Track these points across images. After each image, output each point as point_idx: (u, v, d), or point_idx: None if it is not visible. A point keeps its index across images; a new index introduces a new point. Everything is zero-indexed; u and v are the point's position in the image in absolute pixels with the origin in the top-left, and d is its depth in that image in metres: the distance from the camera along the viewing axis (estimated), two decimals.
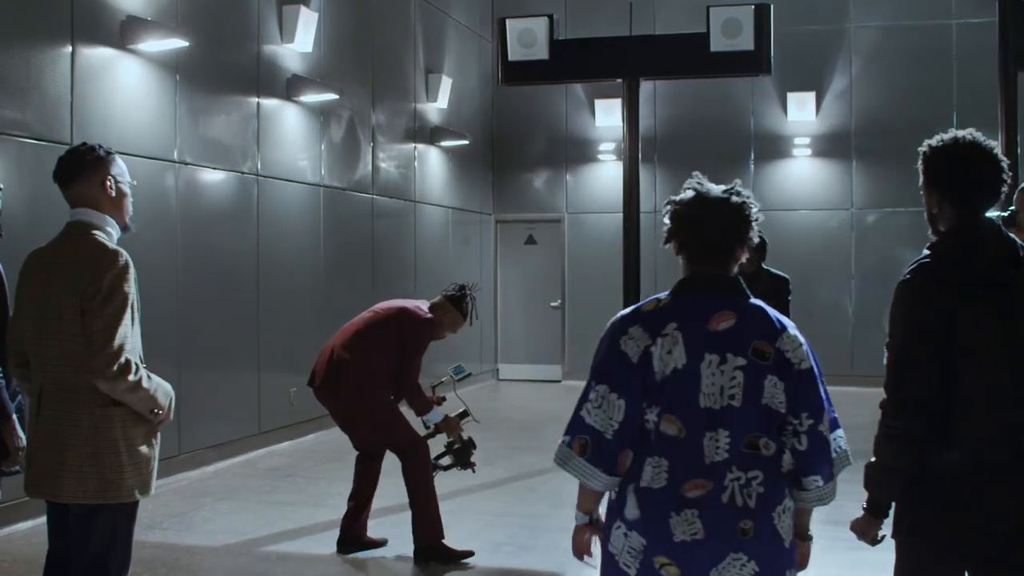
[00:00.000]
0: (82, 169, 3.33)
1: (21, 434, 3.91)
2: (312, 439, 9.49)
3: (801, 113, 13.41)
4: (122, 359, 3.16)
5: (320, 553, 5.84)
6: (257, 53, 8.90)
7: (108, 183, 3.34)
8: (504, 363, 14.60)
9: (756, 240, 2.74)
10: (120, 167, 3.40)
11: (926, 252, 3.00)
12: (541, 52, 8.89)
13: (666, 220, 2.79)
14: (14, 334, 3.42)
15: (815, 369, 2.66)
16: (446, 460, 5.86)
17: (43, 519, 6.27)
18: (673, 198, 2.78)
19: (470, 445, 5.83)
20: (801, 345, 2.66)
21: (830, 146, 13.45)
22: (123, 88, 7.27)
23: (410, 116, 11.89)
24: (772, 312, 2.69)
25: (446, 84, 12.45)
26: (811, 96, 13.34)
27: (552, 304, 14.31)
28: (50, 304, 3.26)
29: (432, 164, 12.57)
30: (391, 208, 11.43)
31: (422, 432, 5.82)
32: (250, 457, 8.55)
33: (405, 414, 5.77)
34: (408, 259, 11.87)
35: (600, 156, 14.17)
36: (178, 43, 7.46)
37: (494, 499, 7.04)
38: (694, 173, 2.84)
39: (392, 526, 6.09)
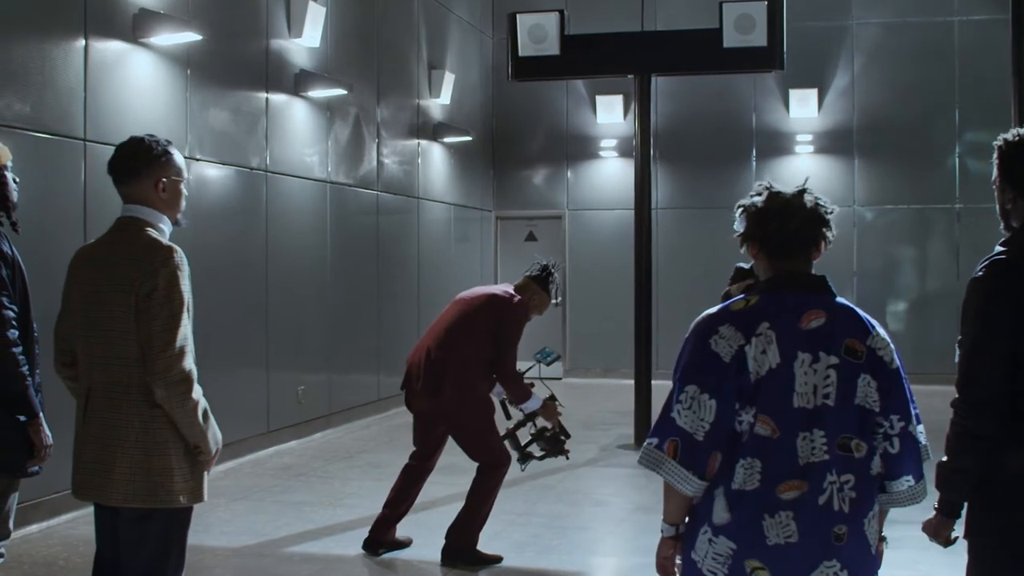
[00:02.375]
0: (138, 171, 3.23)
1: (48, 432, 3.84)
2: (319, 438, 9.41)
3: (803, 110, 13.39)
4: (184, 364, 3.08)
5: (344, 554, 5.77)
6: (266, 47, 8.80)
7: (162, 184, 3.25)
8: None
9: (832, 236, 2.69)
10: (177, 166, 3.30)
11: (999, 248, 2.96)
12: (552, 48, 8.89)
13: (738, 224, 2.74)
14: (61, 332, 3.32)
15: (902, 369, 2.64)
16: (538, 450, 5.66)
17: (57, 520, 6.25)
18: (743, 202, 2.74)
19: (563, 432, 5.65)
20: (889, 344, 2.64)
21: (832, 143, 13.44)
22: (135, 83, 7.17)
23: (413, 112, 11.82)
24: (860, 311, 2.66)
25: (449, 80, 12.37)
26: (813, 93, 13.33)
27: (553, 301, 14.23)
28: (101, 302, 3.16)
29: (435, 160, 12.50)
30: (395, 205, 11.35)
31: (513, 424, 5.67)
32: (259, 456, 8.46)
33: None
34: (411, 256, 11.80)
35: (601, 152, 14.12)
36: (190, 36, 7.36)
37: (514, 498, 6.96)
38: (759, 183, 2.80)
39: (415, 525, 6.01)
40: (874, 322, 2.66)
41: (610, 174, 14.09)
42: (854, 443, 2.55)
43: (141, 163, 3.22)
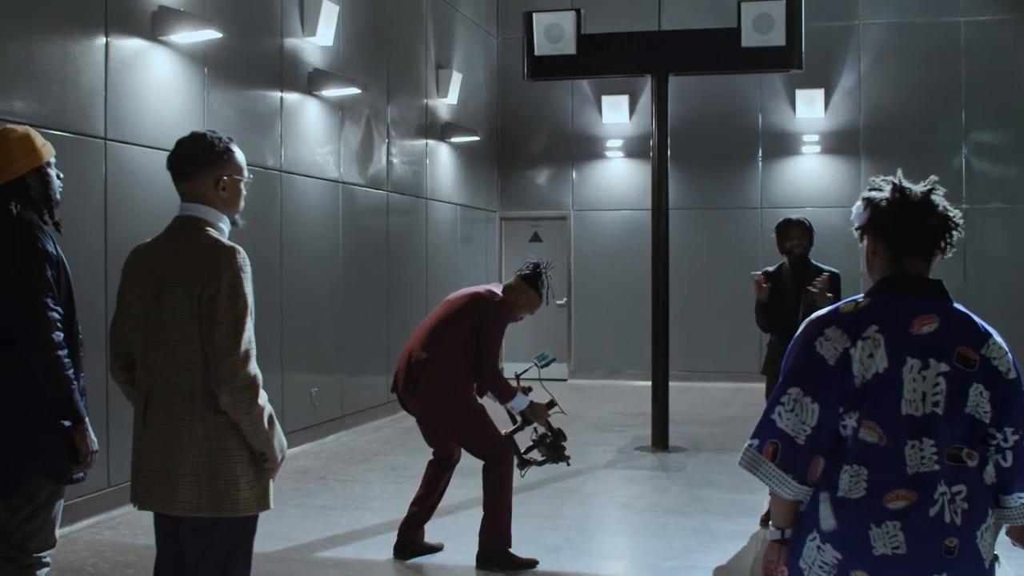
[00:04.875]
0: (198, 167, 3.12)
1: (94, 437, 3.75)
2: (333, 440, 9.32)
3: (810, 110, 13.37)
4: (249, 369, 2.98)
5: (376, 559, 5.68)
6: (280, 46, 8.71)
7: (223, 182, 3.15)
8: (509, 362, 14.43)
9: (956, 240, 2.59)
10: (238, 164, 3.19)
11: None
12: (568, 47, 8.82)
13: (859, 217, 2.63)
14: (117, 335, 3.19)
15: (1021, 379, 2.52)
16: (538, 455, 5.58)
17: (79, 525, 6.15)
18: (871, 195, 2.62)
19: (561, 436, 5.55)
20: (1007, 353, 2.51)
21: (838, 143, 13.42)
22: (154, 81, 7.07)
23: (422, 112, 11.73)
24: (976, 318, 2.55)
25: (456, 80, 12.29)
26: (820, 93, 13.30)
27: (558, 302, 14.18)
28: (161, 305, 3.04)
29: (442, 160, 12.42)
30: (404, 205, 11.27)
31: (509, 426, 5.60)
32: None
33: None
34: (420, 257, 11.71)
35: (607, 153, 14.06)
36: (210, 34, 7.26)
37: (539, 502, 6.90)
38: (887, 177, 2.66)
39: (442, 530, 5.94)
40: (991, 330, 2.54)
41: (615, 175, 14.04)
42: (965, 452, 2.46)
43: (202, 160, 3.12)
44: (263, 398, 3.04)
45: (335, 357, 9.63)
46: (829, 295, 6.35)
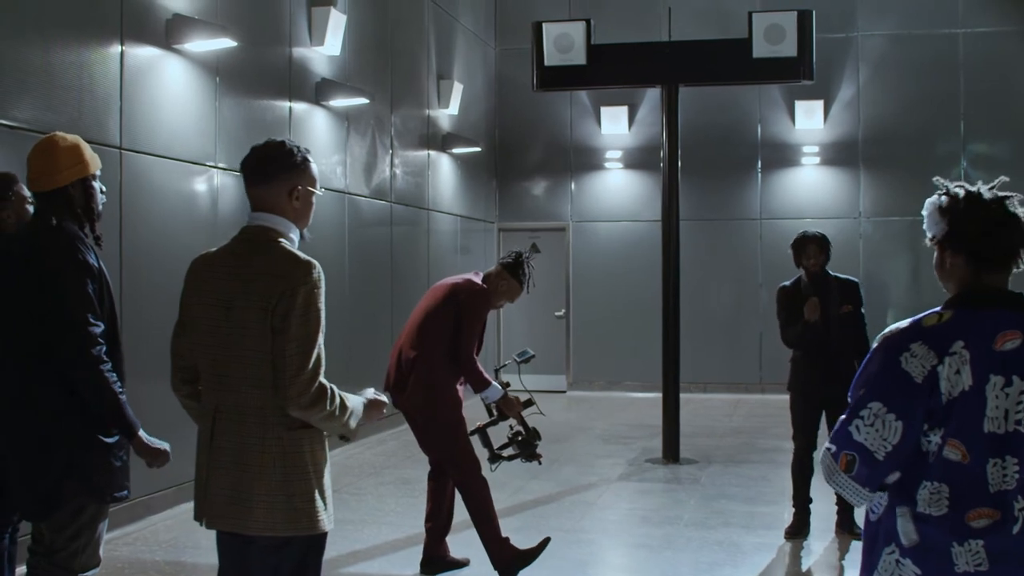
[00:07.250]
0: (274, 174, 3.03)
1: (158, 443, 3.65)
2: (340, 452, 9.20)
3: (809, 121, 13.39)
4: (314, 387, 2.90)
5: (402, 574, 5.60)
6: (288, 55, 8.64)
7: (296, 192, 3.07)
8: (509, 373, 14.36)
9: None
10: (312, 175, 3.10)
11: None
12: (579, 57, 8.78)
13: (934, 226, 2.56)
14: (180, 348, 3.09)
15: None
16: (509, 451, 5.52)
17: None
18: (944, 204, 2.53)
19: (535, 435, 5.51)
20: None
21: (838, 154, 13.45)
22: (168, 90, 6.98)
23: (423, 122, 11.67)
24: None
25: (457, 90, 12.23)
26: (819, 104, 13.32)
27: (556, 314, 14.15)
28: (231, 318, 2.93)
29: (443, 171, 12.36)
30: (406, 216, 11.20)
31: (485, 420, 5.54)
32: None
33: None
34: (422, 269, 11.64)
35: (606, 164, 14.03)
36: (223, 43, 7.17)
37: (558, 515, 6.84)
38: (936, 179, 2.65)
39: (465, 545, 5.84)
40: None
41: (614, 186, 14.01)
42: None
43: (278, 167, 3.02)
44: (328, 399, 2.95)
45: (341, 369, 9.51)
46: (849, 307, 6.31)
